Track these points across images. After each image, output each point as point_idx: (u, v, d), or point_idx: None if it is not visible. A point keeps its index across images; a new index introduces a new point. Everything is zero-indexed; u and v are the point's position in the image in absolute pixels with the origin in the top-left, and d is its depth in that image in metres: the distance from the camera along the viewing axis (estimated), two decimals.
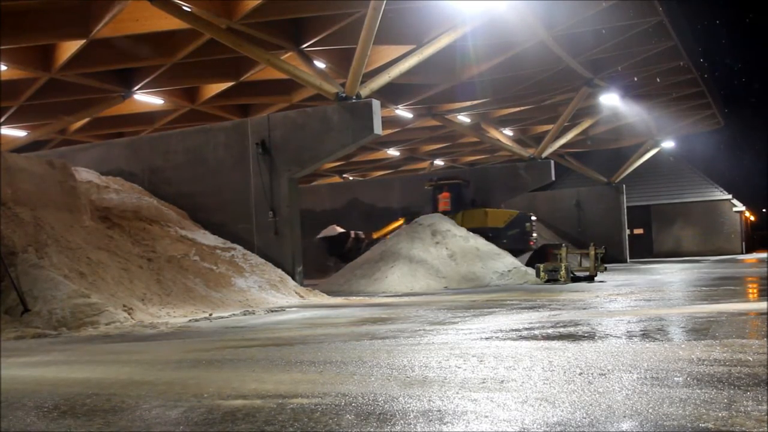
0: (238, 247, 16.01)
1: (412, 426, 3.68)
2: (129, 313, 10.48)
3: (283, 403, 4.35)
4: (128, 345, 7.94)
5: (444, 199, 24.78)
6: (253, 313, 11.79)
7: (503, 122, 29.65)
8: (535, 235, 23.73)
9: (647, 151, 36.01)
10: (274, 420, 3.92)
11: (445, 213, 23.11)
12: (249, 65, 18.92)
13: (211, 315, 11.36)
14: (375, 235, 23.80)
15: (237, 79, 19.59)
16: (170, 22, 15.39)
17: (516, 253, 22.02)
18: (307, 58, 17.70)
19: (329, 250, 24.70)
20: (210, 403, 4.46)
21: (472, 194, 25.98)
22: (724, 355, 5.43)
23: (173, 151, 17.90)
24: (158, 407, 4.41)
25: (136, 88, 19.59)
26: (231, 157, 17.11)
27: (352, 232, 24.72)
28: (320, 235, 24.93)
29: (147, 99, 21.07)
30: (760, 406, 3.74)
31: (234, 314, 11.60)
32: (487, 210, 24.24)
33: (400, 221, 24.16)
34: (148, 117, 23.54)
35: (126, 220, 14.76)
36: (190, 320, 10.64)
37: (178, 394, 4.77)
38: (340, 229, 24.63)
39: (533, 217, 24.17)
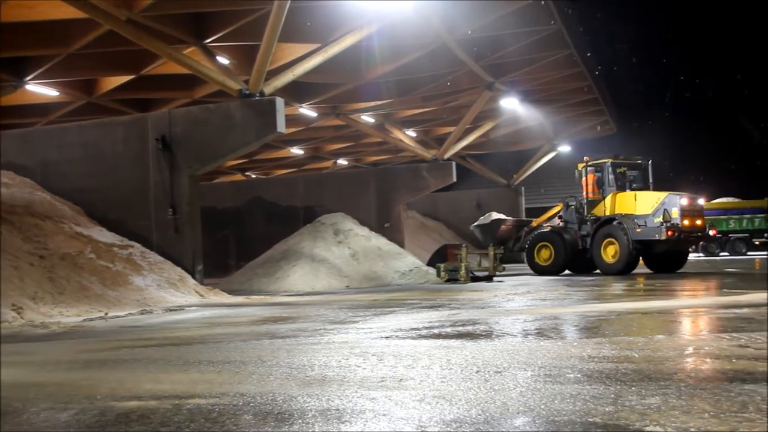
0: (137, 245, 15.62)
1: (310, 425, 3.69)
2: (18, 313, 10.08)
3: (180, 403, 4.29)
4: (17, 346, 7.63)
5: (590, 183, 21.13)
6: (151, 312, 11.54)
7: (407, 123, 29.94)
8: (674, 222, 18.75)
9: (545, 154, 37.02)
10: (170, 421, 3.86)
11: (592, 199, 20.80)
12: (150, 59, 18.45)
13: (106, 314, 11.05)
14: (534, 223, 23.09)
15: (137, 72, 19.08)
16: (67, 11, 14.85)
17: (648, 247, 19.28)
18: (210, 53, 17.42)
19: (483, 237, 24.05)
20: (103, 404, 4.35)
21: (643, 176, 21.10)
22: (613, 352, 5.65)
23: (69, 144, 17.30)
24: (47, 410, 4.27)
25: (28, 78, 18.77)
26: (130, 152, 16.67)
27: (509, 220, 24.10)
28: (475, 223, 24.57)
29: (40, 90, 20.25)
30: (643, 401, 3.92)
31: (131, 313, 11.32)
32: (636, 193, 20.02)
33: (559, 207, 22.35)
34: (41, 109, 22.60)
35: (16, 216, 14.17)
36: (84, 320, 10.33)
37: (69, 396, 4.63)
38: (496, 216, 23.99)
39: (683, 200, 19.14)
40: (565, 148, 37.03)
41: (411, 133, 30.90)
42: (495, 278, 18.94)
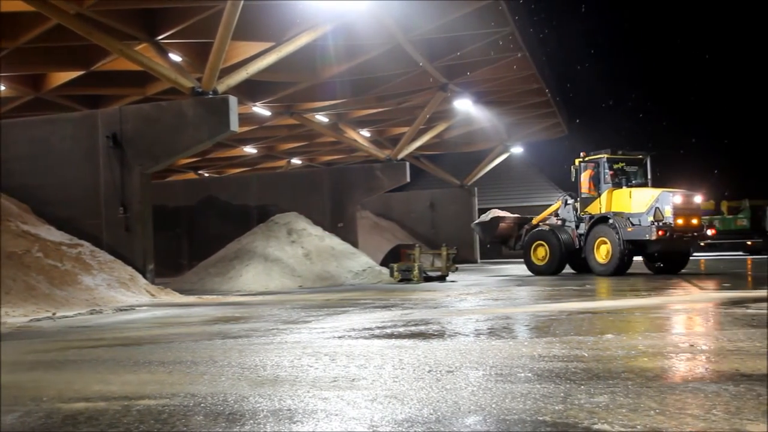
0: (86, 244, 15.35)
1: (261, 426, 3.68)
2: None
3: (129, 404, 4.24)
4: None
5: (586, 179, 20.03)
6: (101, 312, 11.37)
7: (361, 123, 29.95)
8: (666, 221, 17.89)
9: (498, 155, 37.31)
10: (119, 422, 3.82)
11: (587, 196, 19.90)
12: (100, 54, 18.14)
13: (54, 314, 10.85)
14: (535, 221, 22.14)
15: (87, 68, 18.73)
16: (14, 4, 14.48)
17: (641, 248, 18.44)
18: (163, 50, 17.20)
19: (482, 235, 23.71)
20: (49, 406, 4.28)
21: (643, 172, 20.04)
22: (563, 351, 5.74)
23: (15, 141, 16.90)
24: None
25: None
26: (79, 149, 16.38)
27: (509, 217, 23.25)
28: (476, 221, 24.11)
29: None
30: (592, 399, 3.99)
31: (80, 313, 11.14)
32: (632, 190, 19.10)
33: (558, 204, 21.45)
34: None
35: None
36: (31, 320, 10.13)
37: (14, 398, 4.54)
38: (496, 214, 23.24)
39: (676, 197, 18.28)
40: (517, 150, 37.39)
41: (365, 133, 30.91)
42: (448, 278, 19.04)
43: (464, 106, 26.64)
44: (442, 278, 19.00)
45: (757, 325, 7.33)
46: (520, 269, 22.47)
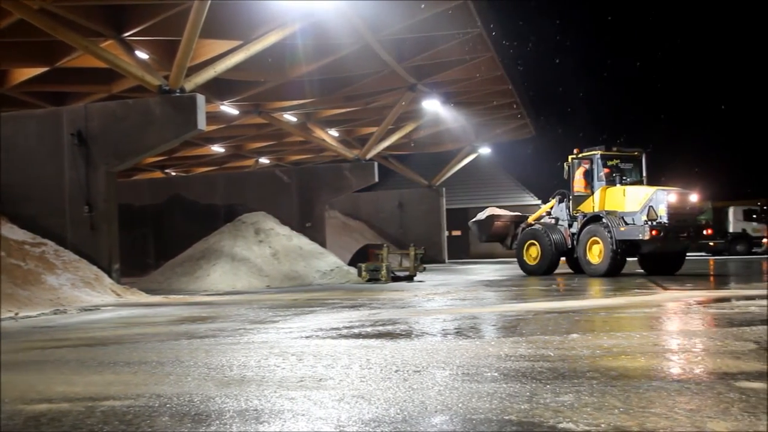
0: (50, 243, 15.15)
1: (227, 426, 3.67)
2: None
3: (93, 406, 4.20)
4: None
5: (579, 176, 19.30)
6: (65, 312, 11.24)
7: (329, 123, 29.89)
8: (660, 221, 17.25)
9: (466, 156, 37.47)
10: (82, 424, 3.78)
11: (580, 194, 19.24)
12: (65, 50, 17.88)
13: (17, 314, 10.70)
14: (531, 219, 21.57)
15: (51, 64, 18.46)
16: None
17: (635, 248, 17.78)
18: (129, 47, 17.03)
19: (478, 233, 22.98)
20: (11, 408, 4.22)
21: (638, 169, 19.40)
22: (529, 351, 5.79)
23: None
24: None
25: None
26: (43, 147, 16.14)
27: (505, 216, 22.75)
28: (472, 219, 23.43)
29: None
30: (557, 398, 4.03)
31: (43, 313, 11.00)
32: (626, 188, 18.43)
33: (552, 203, 20.78)
34: None
35: None
36: None
37: None
38: (491, 212, 22.81)
39: (671, 196, 17.61)
40: (485, 150, 37.58)
41: (333, 132, 30.87)
42: (416, 278, 19.08)
43: (433, 106, 26.71)
44: (409, 278, 19.03)
45: (718, 324, 7.46)
46: (488, 269, 22.59)
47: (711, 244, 34.49)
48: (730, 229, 34.86)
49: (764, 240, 35.24)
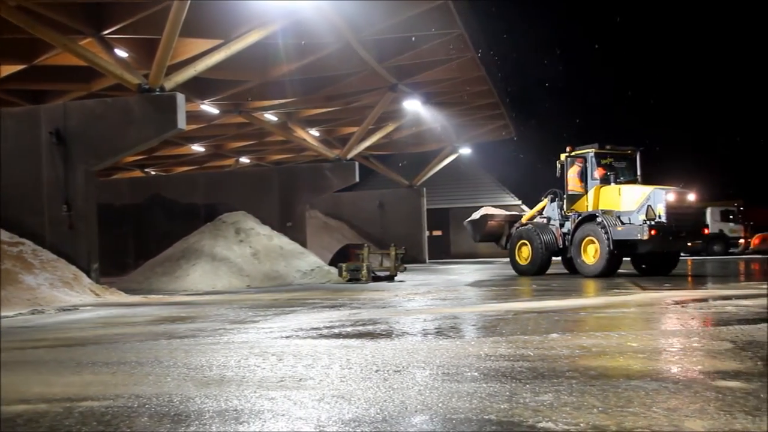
0: (28, 242, 15.01)
1: (207, 426, 3.66)
2: None
3: (72, 406, 4.17)
4: None
5: (573, 175, 18.96)
6: (43, 313, 11.15)
7: (310, 122, 29.85)
8: (659, 220, 16.91)
9: (446, 156, 37.57)
10: (60, 425, 3.75)
11: (573, 193, 18.94)
12: (43, 48, 17.72)
13: None
14: (525, 218, 21.23)
15: (29, 62, 18.29)
16: None
17: (631, 248, 17.48)
18: (109, 45, 16.91)
19: (473, 233, 22.72)
20: None
21: (632, 168, 19.07)
22: (509, 350, 5.81)
23: None
24: None
25: None
26: (21, 145, 15.98)
27: (499, 215, 22.51)
28: (468, 219, 23.10)
29: None
30: (537, 398, 4.06)
31: (21, 313, 10.91)
32: (621, 187, 18.09)
33: (545, 203, 20.37)
34: None
35: None
36: None
37: None
38: (485, 211, 22.53)
39: (669, 195, 17.28)
40: (466, 151, 37.68)
41: (314, 132, 30.83)
42: (396, 278, 19.09)
43: (414, 106, 26.75)
44: (390, 278, 19.04)
45: (696, 324, 7.52)
46: (468, 269, 22.64)
47: (689, 244, 34.69)
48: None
49: (741, 240, 35.62)
